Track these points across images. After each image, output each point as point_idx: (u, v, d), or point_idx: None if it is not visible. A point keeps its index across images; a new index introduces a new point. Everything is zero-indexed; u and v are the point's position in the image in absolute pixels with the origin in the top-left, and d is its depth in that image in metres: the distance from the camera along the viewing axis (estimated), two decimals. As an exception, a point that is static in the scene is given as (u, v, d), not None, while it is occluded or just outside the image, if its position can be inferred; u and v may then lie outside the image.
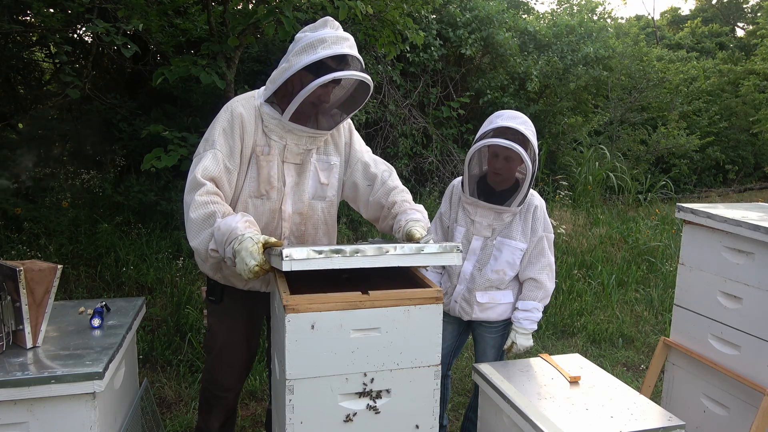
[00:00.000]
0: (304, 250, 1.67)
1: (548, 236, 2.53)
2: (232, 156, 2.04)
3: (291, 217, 2.14)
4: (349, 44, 2.00)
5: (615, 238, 6.47)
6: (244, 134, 2.06)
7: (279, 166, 2.11)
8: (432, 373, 1.85)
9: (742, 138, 12.24)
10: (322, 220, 2.23)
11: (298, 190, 2.15)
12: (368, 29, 4.92)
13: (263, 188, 2.09)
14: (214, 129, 2.06)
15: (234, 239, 1.80)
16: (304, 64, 1.94)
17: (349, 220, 6.11)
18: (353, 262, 1.71)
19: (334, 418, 1.78)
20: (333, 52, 1.94)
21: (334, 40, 1.97)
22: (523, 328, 2.51)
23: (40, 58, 6.72)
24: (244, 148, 2.06)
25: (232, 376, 2.31)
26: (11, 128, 6.19)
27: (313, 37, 1.97)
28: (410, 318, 1.80)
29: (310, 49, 1.95)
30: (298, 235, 2.18)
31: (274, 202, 2.11)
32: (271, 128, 2.08)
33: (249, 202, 2.10)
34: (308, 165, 2.16)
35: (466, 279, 2.54)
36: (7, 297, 1.72)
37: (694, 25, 17.91)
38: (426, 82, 7.59)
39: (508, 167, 2.41)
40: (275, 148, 2.09)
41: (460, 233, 2.54)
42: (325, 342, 1.74)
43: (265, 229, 2.11)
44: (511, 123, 2.35)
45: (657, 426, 1.91)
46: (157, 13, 4.19)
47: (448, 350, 2.70)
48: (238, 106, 2.08)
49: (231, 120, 2.06)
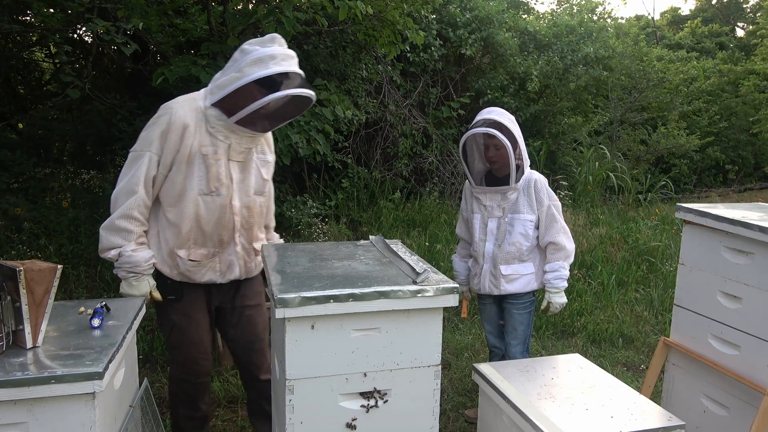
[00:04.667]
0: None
1: (554, 204, 2.87)
2: (165, 158, 2.20)
3: (240, 211, 2.32)
4: (295, 62, 2.21)
5: (615, 238, 6.47)
6: (184, 136, 2.18)
7: (226, 164, 2.26)
8: (432, 373, 1.85)
9: (742, 138, 12.24)
10: (259, 214, 2.43)
11: (243, 185, 2.32)
12: (368, 29, 4.92)
13: (213, 185, 2.23)
14: (152, 130, 2.20)
15: (134, 274, 2.21)
16: (256, 77, 2.11)
17: (349, 220, 6.11)
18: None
19: (334, 419, 1.78)
20: (283, 69, 2.14)
21: (283, 57, 2.17)
22: (554, 286, 2.85)
23: (40, 58, 6.72)
24: (182, 148, 2.19)
25: (206, 360, 2.46)
26: (11, 128, 6.19)
27: (264, 52, 2.15)
28: (410, 318, 1.80)
29: (261, 64, 2.12)
30: (248, 227, 2.36)
31: (223, 197, 2.27)
32: (217, 129, 2.22)
33: (200, 199, 2.23)
34: (251, 162, 2.35)
35: (490, 257, 2.90)
36: (7, 297, 1.72)
37: (694, 25, 17.90)
38: (426, 82, 7.59)
39: (499, 154, 2.76)
40: (221, 147, 2.24)
41: (477, 219, 2.92)
42: (325, 342, 1.74)
43: (217, 223, 2.28)
44: (485, 116, 2.79)
45: (657, 426, 1.90)
46: (157, 12, 4.19)
47: (495, 326, 3.08)
48: (179, 109, 2.20)
49: (170, 123, 2.18)
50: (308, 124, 4.73)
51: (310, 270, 1.97)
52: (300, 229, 5.43)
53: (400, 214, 6.33)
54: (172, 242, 2.26)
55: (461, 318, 4.56)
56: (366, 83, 6.61)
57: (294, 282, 1.82)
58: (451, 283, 1.87)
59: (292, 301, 1.68)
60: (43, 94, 6.59)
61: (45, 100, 6.45)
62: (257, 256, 2.44)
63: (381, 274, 1.91)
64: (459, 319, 4.55)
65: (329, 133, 4.94)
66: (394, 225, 6.08)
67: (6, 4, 4.42)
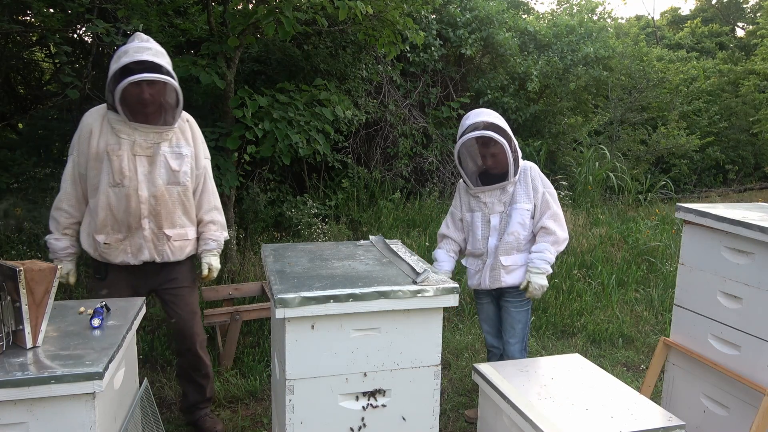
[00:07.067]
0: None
1: (549, 191, 2.89)
2: (81, 158, 2.58)
3: (148, 200, 2.58)
4: (150, 52, 2.48)
5: (615, 238, 6.47)
6: (91, 139, 2.54)
7: (130, 159, 2.55)
8: (432, 373, 1.85)
9: (742, 138, 12.23)
10: (178, 202, 2.67)
11: (150, 177, 2.58)
12: (368, 29, 4.92)
13: (117, 178, 2.53)
14: (74, 138, 2.61)
15: (56, 259, 2.64)
16: (111, 72, 2.46)
17: (349, 220, 6.11)
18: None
19: (334, 419, 1.78)
20: (129, 59, 2.43)
21: (136, 50, 2.47)
22: (536, 266, 2.81)
23: (40, 58, 6.72)
24: (90, 148, 2.54)
25: None
26: (11, 128, 6.19)
27: (119, 51, 2.49)
28: (410, 318, 1.80)
29: (116, 61, 2.46)
30: (155, 214, 2.61)
31: (127, 188, 2.55)
32: (119, 128, 2.53)
33: (110, 191, 2.54)
34: (158, 156, 2.60)
35: (493, 252, 2.90)
36: (7, 297, 1.72)
37: (694, 25, 17.89)
38: (426, 82, 7.59)
39: (497, 155, 2.80)
40: (125, 144, 2.54)
41: (478, 217, 2.93)
42: (325, 342, 1.74)
43: (126, 211, 2.56)
44: (474, 119, 2.82)
45: (657, 426, 1.90)
46: (157, 13, 4.19)
47: (493, 326, 3.08)
48: (88, 117, 2.59)
49: (81, 129, 2.58)
50: (308, 124, 4.73)
51: (310, 270, 1.97)
52: (300, 229, 5.44)
53: (400, 214, 6.33)
54: (92, 228, 2.61)
55: (460, 315, 4.56)
56: (366, 83, 6.61)
57: (294, 282, 1.82)
58: (451, 283, 1.87)
59: (292, 301, 1.68)
60: (43, 94, 6.58)
61: (45, 100, 6.45)
62: (172, 241, 2.68)
63: (381, 274, 1.91)
64: (459, 319, 4.55)
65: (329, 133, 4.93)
66: (394, 225, 6.08)
67: (6, 4, 4.42)
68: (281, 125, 4.33)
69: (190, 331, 2.84)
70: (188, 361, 2.91)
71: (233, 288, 3.95)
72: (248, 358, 3.68)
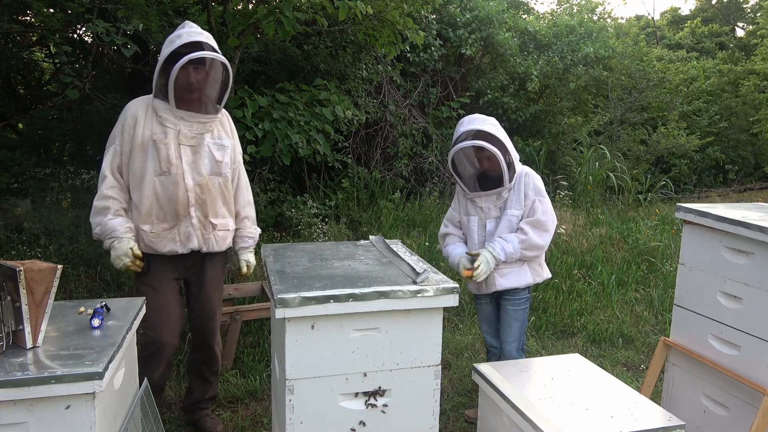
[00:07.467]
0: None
1: (540, 199, 2.86)
2: (125, 147, 2.57)
3: (193, 188, 2.61)
4: (203, 36, 2.53)
5: (615, 238, 6.47)
6: (136, 127, 2.55)
7: (176, 148, 2.57)
8: (432, 373, 1.85)
9: (742, 138, 12.22)
10: (219, 192, 2.70)
11: (195, 166, 2.61)
12: (368, 29, 4.92)
13: (164, 166, 2.55)
14: (115, 128, 2.60)
15: (114, 238, 2.53)
16: (164, 56, 2.46)
17: (349, 220, 6.11)
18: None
19: (334, 419, 1.78)
20: (184, 41, 2.46)
21: (189, 34, 2.50)
22: (493, 249, 2.81)
23: (40, 58, 6.72)
24: (135, 137, 2.54)
25: (167, 333, 2.70)
26: (11, 128, 6.19)
27: (171, 36, 2.53)
28: (410, 318, 1.80)
29: (169, 44, 2.49)
30: (200, 203, 2.63)
31: (174, 176, 2.56)
32: (165, 117, 2.55)
33: (156, 180, 2.56)
34: (202, 146, 2.63)
35: None
36: (7, 297, 1.72)
37: (694, 25, 17.89)
38: (426, 82, 7.58)
39: (490, 163, 2.82)
40: (171, 133, 2.56)
41: (474, 222, 2.95)
42: (325, 342, 1.74)
43: (172, 199, 2.57)
44: (467, 127, 2.83)
45: (657, 426, 1.91)
46: (157, 13, 4.19)
47: (492, 326, 3.09)
48: (131, 106, 2.60)
49: (125, 118, 2.58)
50: (308, 124, 4.73)
51: (310, 270, 1.97)
52: (300, 229, 5.43)
53: (400, 214, 6.33)
54: (137, 219, 2.59)
55: (460, 315, 4.56)
56: (366, 83, 6.61)
57: (294, 282, 1.82)
58: (451, 283, 1.87)
59: (292, 301, 1.68)
60: (43, 94, 6.58)
61: (45, 100, 6.45)
62: (216, 231, 2.69)
63: (381, 274, 1.91)
64: (459, 319, 4.55)
65: (329, 133, 4.94)
66: (394, 225, 6.08)
67: (6, 4, 4.42)
68: (281, 125, 4.34)
69: (211, 326, 2.87)
70: (202, 356, 2.92)
71: (233, 288, 3.94)
72: (248, 358, 3.68)
